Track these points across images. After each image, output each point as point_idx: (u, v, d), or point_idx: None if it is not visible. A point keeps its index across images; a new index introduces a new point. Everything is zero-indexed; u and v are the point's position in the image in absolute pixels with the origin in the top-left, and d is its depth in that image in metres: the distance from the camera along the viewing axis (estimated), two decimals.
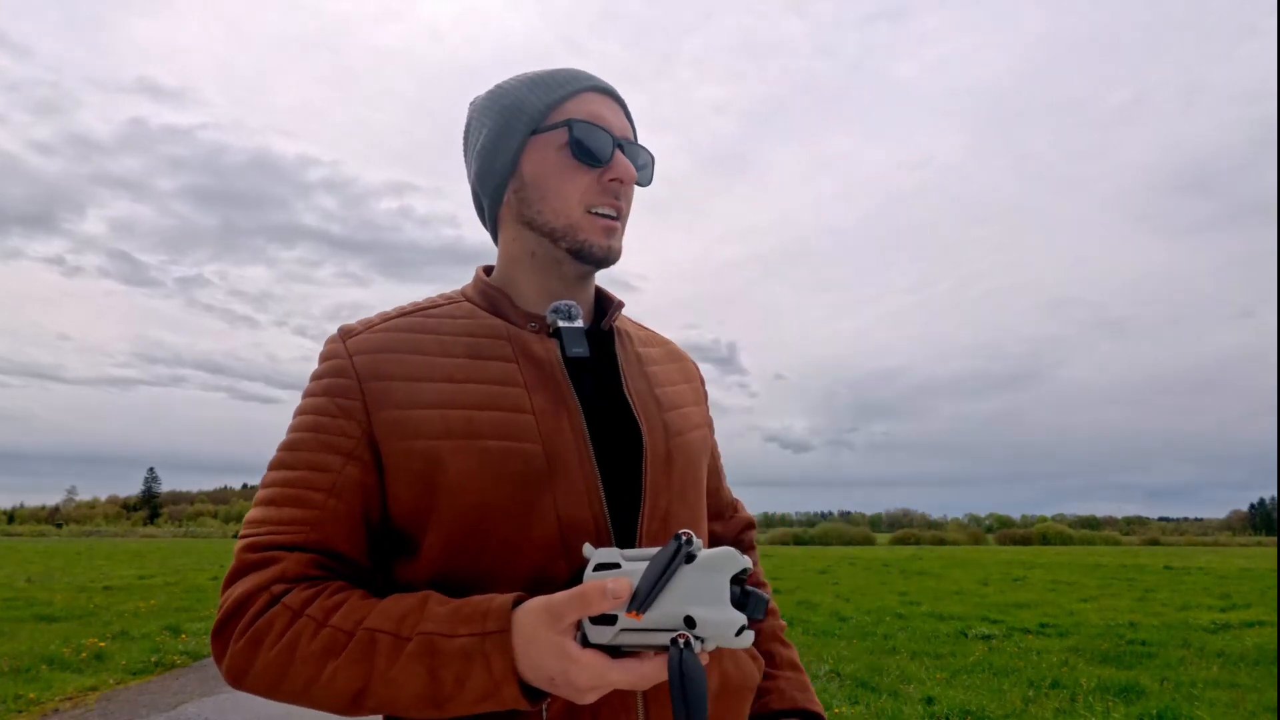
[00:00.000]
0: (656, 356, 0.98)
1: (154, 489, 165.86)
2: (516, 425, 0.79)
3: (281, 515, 0.77)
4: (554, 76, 0.88)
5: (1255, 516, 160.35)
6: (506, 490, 0.77)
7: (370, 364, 0.81)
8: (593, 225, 0.85)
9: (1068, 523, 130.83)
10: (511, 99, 0.88)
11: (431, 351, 0.83)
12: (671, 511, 0.85)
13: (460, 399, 0.79)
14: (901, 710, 5.37)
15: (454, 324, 0.86)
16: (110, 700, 5.62)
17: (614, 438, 0.83)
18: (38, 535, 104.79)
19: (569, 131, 0.85)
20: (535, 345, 0.85)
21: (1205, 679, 6.48)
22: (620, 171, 0.85)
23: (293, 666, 0.70)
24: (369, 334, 0.84)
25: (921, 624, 9.86)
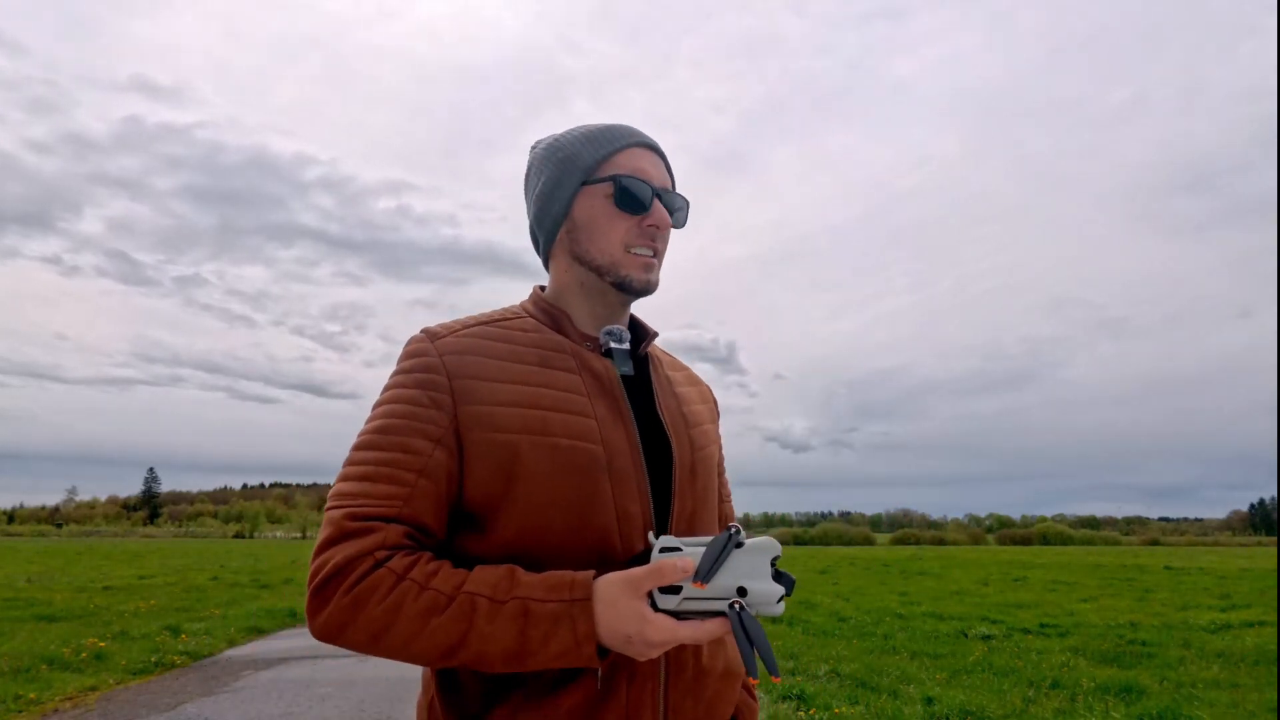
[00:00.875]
0: (681, 380, 1.14)
1: (154, 489, 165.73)
2: (582, 427, 0.94)
3: (377, 490, 0.87)
4: (606, 133, 1.04)
5: (1255, 516, 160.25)
6: (574, 482, 0.91)
7: (458, 363, 0.94)
8: (633, 262, 1.02)
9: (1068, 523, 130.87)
10: (567, 152, 1.04)
11: (507, 358, 0.97)
12: (695, 513, 1.01)
13: (535, 400, 0.93)
14: (901, 710, 5.37)
15: (524, 336, 1.01)
16: (110, 700, 5.62)
17: (652, 448, 0.99)
18: (38, 535, 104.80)
19: (615, 184, 1.01)
20: (594, 362, 1.01)
21: (1205, 679, 6.49)
22: (657, 219, 1.02)
23: (397, 624, 0.81)
24: (453, 338, 0.98)
25: (921, 624, 9.87)
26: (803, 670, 6.85)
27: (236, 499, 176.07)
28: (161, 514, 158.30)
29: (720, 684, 1.01)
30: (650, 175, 1.03)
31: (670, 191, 1.05)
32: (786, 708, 5.50)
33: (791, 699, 5.71)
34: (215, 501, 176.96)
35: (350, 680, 6.33)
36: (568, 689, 0.88)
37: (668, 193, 1.04)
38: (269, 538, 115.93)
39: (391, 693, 5.85)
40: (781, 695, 5.80)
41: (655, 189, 1.02)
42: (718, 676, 1.00)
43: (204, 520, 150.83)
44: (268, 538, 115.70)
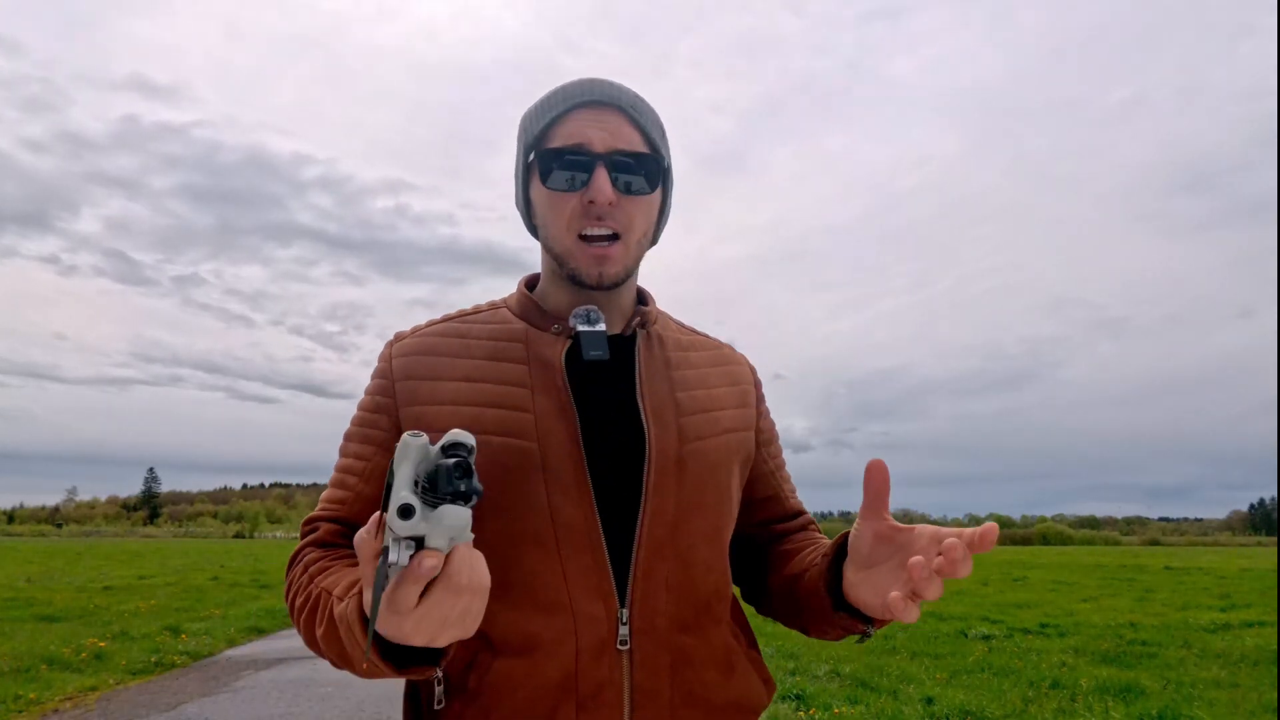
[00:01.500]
0: (697, 360, 0.98)
1: (154, 489, 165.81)
2: (518, 423, 0.84)
3: (328, 495, 0.91)
4: (548, 99, 0.90)
5: (1255, 516, 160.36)
6: (501, 484, 0.82)
7: (404, 366, 0.91)
8: (583, 254, 0.88)
9: (1068, 523, 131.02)
10: (522, 124, 0.93)
11: (456, 354, 0.91)
12: (682, 518, 0.86)
13: (471, 397, 0.87)
14: (901, 710, 5.37)
15: (483, 329, 0.94)
16: (110, 700, 5.62)
17: (620, 441, 0.86)
18: (38, 535, 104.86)
19: (539, 163, 0.89)
20: (547, 348, 0.90)
21: (1205, 679, 6.49)
22: (593, 194, 0.85)
23: (294, 616, 0.82)
24: (412, 339, 0.94)
25: (921, 624, 9.87)
26: (802, 670, 6.85)
27: (236, 499, 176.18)
28: (161, 514, 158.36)
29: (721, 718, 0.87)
30: (590, 139, 0.86)
31: (623, 155, 0.87)
32: (786, 708, 5.50)
33: (791, 699, 5.71)
34: (215, 501, 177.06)
35: (350, 680, 6.33)
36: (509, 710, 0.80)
37: (618, 156, 0.86)
38: (269, 538, 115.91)
39: (392, 692, 5.85)
40: (781, 695, 5.80)
41: (595, 156, 0.86)
42: (716, 710, 0.86)
43: (204, 520, 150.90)
44: (268, 538, 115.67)
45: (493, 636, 0.82)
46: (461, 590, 0.62)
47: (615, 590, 0.82)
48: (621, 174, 0.87)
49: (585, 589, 0.81)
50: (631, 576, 0.83)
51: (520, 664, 0.81)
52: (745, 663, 0.92)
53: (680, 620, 0.85)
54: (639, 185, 0.89)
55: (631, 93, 0.91)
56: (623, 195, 0.87)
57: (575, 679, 0.80)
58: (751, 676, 0.91)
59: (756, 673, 0.93)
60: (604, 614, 0.81)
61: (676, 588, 0.85)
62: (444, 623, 0.63)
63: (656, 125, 0.92)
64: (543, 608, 0.81)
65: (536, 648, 0.81)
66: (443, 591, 0.61)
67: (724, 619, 0.91)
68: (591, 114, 0.88)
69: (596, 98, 0.89)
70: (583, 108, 0.88)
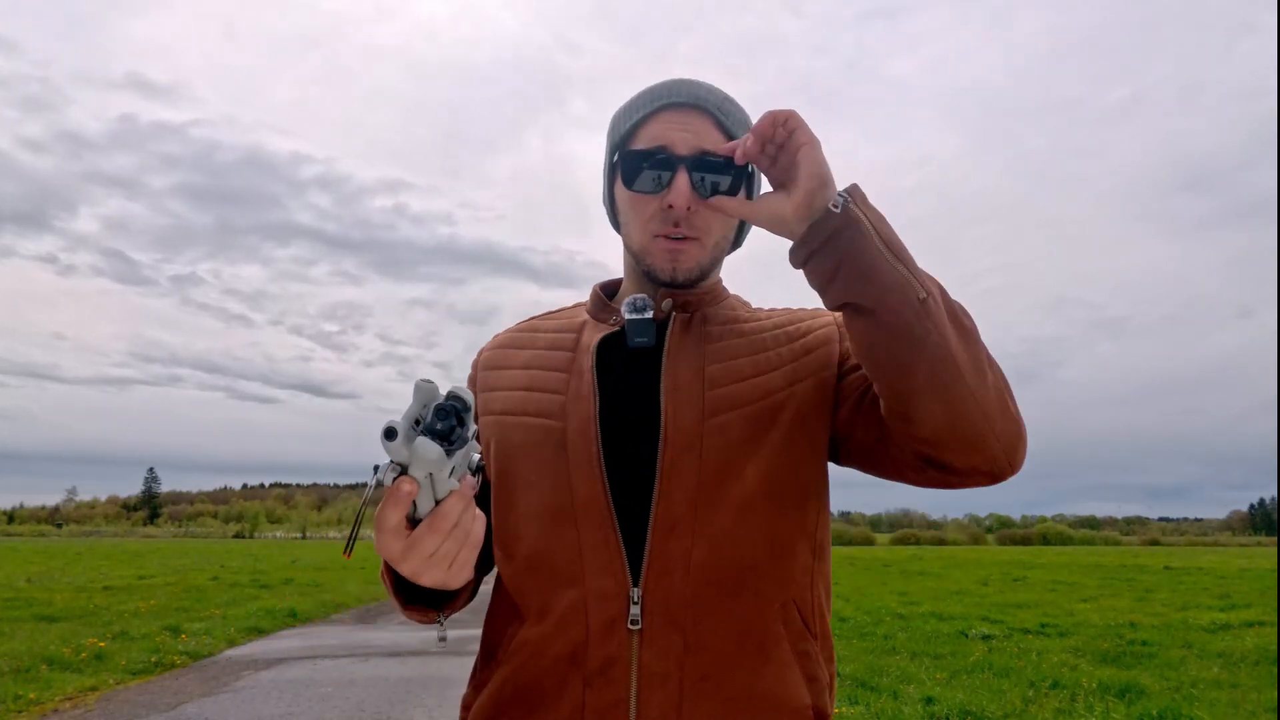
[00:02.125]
0: (752, 329, 0.94)
1: (154, 489, 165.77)
2: (550, 404, 0.90)
3: None
4: (636, 100, 0.92)
5: (1255, 516, 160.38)
6: (532, 461, 0.88)
7: (487, 358, 1.01)
8: (658, 250, 0.90)
9: (1068, 523, 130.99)
10: (611, 124, 0.95)
11: (523, 345, 0.99)
12: (705, 495, 0.83)
13: (522, 382, 0.94)
14: (901, 710, 5.37)
15: (553, 323, 1.01)
16: (110, 700, 5.62)
17: (639, 421, 0.87)
18: (38, 535, 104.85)
19: (622, 165, 0.90)
20: (589, 335, 0.95)
21: (1205, 679, 6.49)
22: (672, 198, 0.86)
23: None
24: (501, 335, 1.04)
25: (921, 624, 9.87)
26: None
27: (236, 499, 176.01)
28: (161, 514, 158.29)
29: (744, 714, 0.81)
30: (673, 142, 0.87)
31: (705, 157, 0.87)
32: None
33: None
34: (215, 501, 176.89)
35: (350, 680, 6.33)
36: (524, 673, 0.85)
37: (700, 158, 0.86)
38: (269, 538, 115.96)
39: (391, 693, 5.85)
40: None
41: (679, 158, 0.86)
42: (732, 700, 0.80)
43: (204, 520, 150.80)
44: (268, 538, 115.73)
45: (520, 606, 0.87)
46: (444, 532, 0.68)
47: (627, 568, 0.82)
48: (705, 173, 0.87)
49: (598, 565, 0.82)
50: (645, 555, 0.82)
51: (537, 634, 0.84)
52: (787, 653, 0.83)
53: (701, 601, 0.81)
54: (720, 188, 0.88)
55: (721, 94, 0.91)
56: (703, 199, 0.87)
57: (584, 653, 0.81)
58: (792, 670, 0.83)
59: (800, 667, 0.83)
60: (614, 591, 0.82)
61: (699, 568, 0.82)
62: (427, 560, 0.69)
63: (744, 127, 0.92)
64: (560, 581, 0.84)
65: (551, 619, 0.83)
66: (427, 528, 0.68)
67: (768, 600, 0.83)
68: (677, 116, 0.89)
69: (683, 99, 0.89)
70: (669, 109, 0.89)
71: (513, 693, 0.85)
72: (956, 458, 0.78)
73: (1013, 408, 0.80)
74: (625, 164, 0.90)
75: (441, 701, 5.55)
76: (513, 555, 0.88)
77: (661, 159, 0.87)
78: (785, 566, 0.85)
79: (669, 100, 0.89)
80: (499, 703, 0.85)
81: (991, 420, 0.76)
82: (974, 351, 0.78)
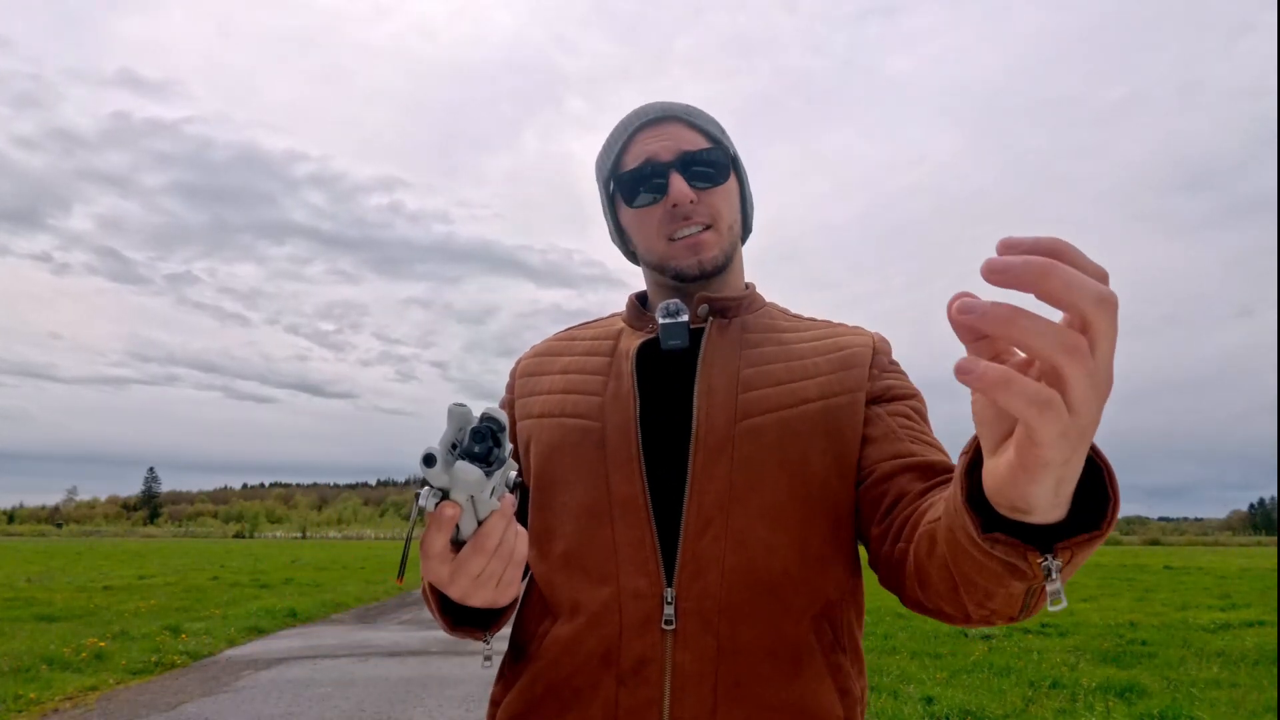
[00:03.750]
0: (789, 339, 0.94)
1: (154, 489, 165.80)
2: (590, 406, 0.92)
3: None
4: (612, 136, 0.98)
5: (1255, 516, 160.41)
6: (570, 460, 0.90)
7: (526, 366, 1.04)
8: (678, 250, 0.94)
9: None
10: (596, 166, 1.02)
11: (561, 353, 1.02)
12: (735, 497, 0.83)
13: (561, 386, 0.96)
14: (901, 710, 5.37)
15: (590, 331, 1.04)
16: (110, 700, 5.62)
17: (675, 422, 0.88)
18: (38, 535, 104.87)
19: (620, 189, 0.97)
20: (627, 340, 0.98)
21: (1205, 679, 6.49)
22: (674, 197, 0.91)
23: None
24: (541, 343, 1.07)
25: (921, 624, 9.86)
26: None
27: (236, 499, 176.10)
28: (161, 514, 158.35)
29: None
30: (658, 154, 0.93)
31: (690, 154, 0.93)
32: None
33: None
34: (215, 501, 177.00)
35: (350, 680, 6.33)
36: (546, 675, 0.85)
37: (686, 157, 0.92)
38: (269, 537, 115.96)
39: (391, 693, 5.85)
40: None
41: (665, 164, 0.92)
42: (767, 707, 0.79)
43: (204, 520, 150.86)
44: (268, 537, 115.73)
45: (552, 603, 0.87)
46: (487, 552, 0.69)
47: (662, 568, 0.82)
48: (695, 167, 0.93)
49: (633, 564, 0.83)
50: (679, 556, 0.82)
51: (569, 631, 0.84)
52: (820, 665, 0.82)
53: (734, 605, 0.81)
54: (712, 177, 0.94)
55: (683, 104, 0.98)
56: (701, 191, 0.93)
57: (618, 652, 0.81)
58: (825, 682, 0.81)
59: (834, 680, 0.82)
60: (648, 590, 0.82)
61: (733, 571, 0.81)
62: (475, 581, 0.70)
63: (714, 123, 0.98)
64: (594, 579, 0.84)
65: (585, 617, 0.83)
66: (471, 550, 0.69)
67: (800, 611, 0.82)
68: (651, 131, 0.95)
69: (652, 116, 0.95)
70: (642, 129, 0.95)
71: (544, 690, 0.84)
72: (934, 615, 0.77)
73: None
74: (621, 187, 0.96)
75: (441, 702, 5.55)
76: (548, 553, 0.89)
77: (651, 170, 0.93)
78: (818, 578, 0.84)
79: (640, 121, 0.95)
80: (530, 700, 0.85)
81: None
82: None
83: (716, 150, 0.94)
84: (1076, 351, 0.42)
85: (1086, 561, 0.58)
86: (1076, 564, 0.55)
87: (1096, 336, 0.43)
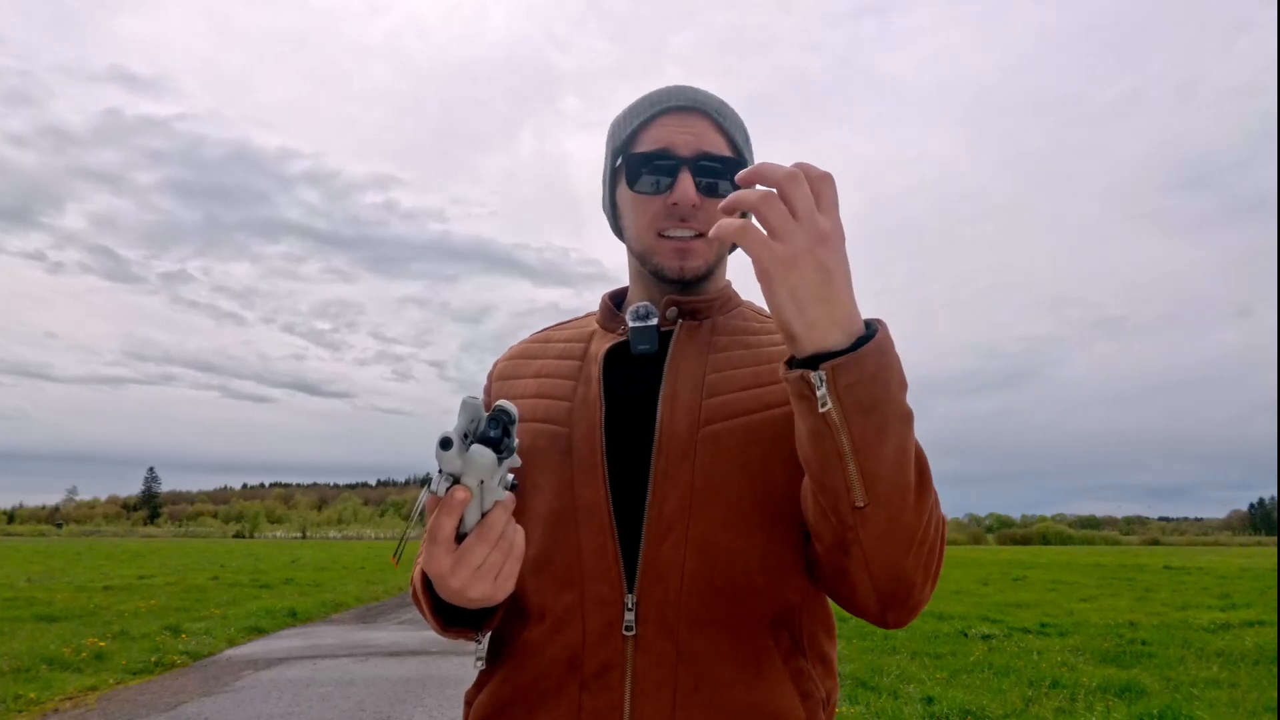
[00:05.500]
0: (758, 341, 0.94)
1: (154, 489, 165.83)
2: (558, 411, 0.92)
3: None
4: (635, 106, 0.94)
5: (1255, 516, 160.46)
6: (540, 465, 0.89)
7: (502, 369, 1.03)
8: (664, 249, 0.91)
9: (1068, 523, 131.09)
10: (610, 131, 0.98)
11: (535, 355, 1.01)
12: (697, 503, 0.83)
13: (533, 390, 0.96)
14: (901, 710, 5.37)
15: (565, 333, 1.03)
16: (110, 700, 5.62)
17: (639, 428, 0.88)
18: (38, 535, 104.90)
19: (626, 167, 0.92)
20: (597, 343, 0.97)
21: (1205, 679, 6.49)
22: (677, 196, 0.88)
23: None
24: (515, 347, 1.06)
25: (921, 624, 9.86)
26: None
27: (236, 499, 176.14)
28: (161, 514, 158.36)
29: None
30: (675, 144, 0.90)
31: (707, 158, 0.89)
32: None
33: None
34: (215, 501, 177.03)
35: (350, 680, 6.33)
36: (521, 683, 0.85)
37: (702, 160, 0.89)
38: (269, 538, 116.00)
39: (391, 693, 5.85)
40: None
41: (682, 160, 0.89)
42: (727, 712, 0.80)
43: (204, 520, 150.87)
44: (268, 538, 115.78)
45: (524, 607, 0.87)
46: (492, 543, 0.71)
47: (623, 574, 0.83)
48: (705, 177, 0.89)
49: (595, 570, 0.83)
50: (640, 562, 0.82)
51: (537, 635, 0.85)
52: (780, 669, 0.82)
53: (696, 612, 0.81)
54: (723, 188, 0.90)
55: (717, 99, 0.94)
56: (706, 198, 0.89)
57: (581, 657, 0.82)
58: (785, 686, 0.82)
59: (795, 684, 0.83)
60: (611, 596, 0.82)
61: (692, 576, 0.81)
62: (476, 572, 0.72)
63: (741, 130, 0.95)
64: (560, 584, 0.84)
65: (550, 622, 0.84)
66: (476, 539, 0.71)
67: (761, 616, 0.83)
68: (677, 119, 0.91)
69: (682, 103, 0.92)
70: (669, 113, 0.92)
71: (512, 693, 0.86)
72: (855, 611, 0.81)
73: (933, 579, 0.81)
74: (629, 166, 0.92)
75: (441, 701, 5.55)
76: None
77: (664, 161, 0.90)
78: (779, 583, 0.84)
79: (669, 104, 0.91)
80: (499, 703, 0.87)
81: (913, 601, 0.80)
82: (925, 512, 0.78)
83: (735, 162, 0.91)
84: (766, 198, 0.64)
85: (1086, 561, 0.59)
86: (853, 391, 0.65)
87: (789, 195, 0.64)
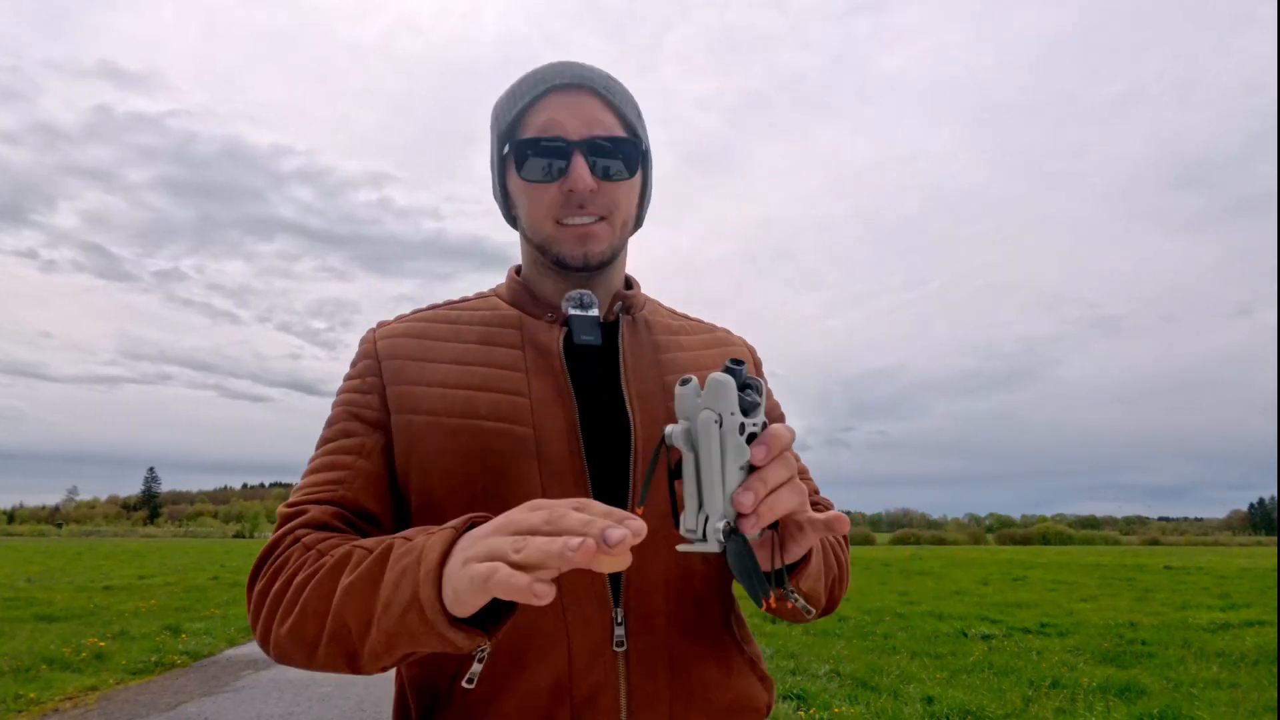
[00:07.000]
0: (689, 344, 0.94)
1: (154, 489, 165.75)
2: (513, 408, 0.82)
3: (316, 479, 0.82)
4: (518, 86, 0.87)
5: (1255, 516, 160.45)
6: (496, 471, 0.79)
7: (390, 346, 0.88)
8: (565, 236, 0.86)
9: (1068, 523, 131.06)
10: (494, 114, 0.90)
11: (445, 338, 0.89)
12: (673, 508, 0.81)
13: (463, 380, 0.84)
14: (901, 710, 5.37)
15: (473, 314, 0.92)
16: (110, 700, 5.62)
17: (609, 429, 0.83)
18: (38, 535, 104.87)
19: (514, 154, 0.86)
20: (542, 334, 0.88)
21: (1205, 679, 6.49)
22: (573, 182, 0.83)
23: (284, 591, 0.72)
24: (398, 324, 0.92)
25: (921, 624, 9.86)
26: (803, 670, 6.85)
27: (236, 499, 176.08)
28: (161, 514, 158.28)
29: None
30: (565, 126, 0.83)
31: (599, 140, 0.84)
32: (787, 707, 5.50)
33: (792, 698, 5.71)
34: (215, 501, 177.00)
35: (350, 680, 6.33)
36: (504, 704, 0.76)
37: (595, 142, 0.84)
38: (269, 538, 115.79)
39: (391, 693, 5.84)
40: (782, 695, 5.80)
41: (573, 144, 0.83)
42: (717, 711, 0.81)
43: (204, 520, 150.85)
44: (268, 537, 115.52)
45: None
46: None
47: (609, 589, 0.78)
48: (600, 159, 0.84)
49: (578, 588, 0.77)
50: (625, 573, 0.77)
51: (510, 666, 0.77)
52: (741, 661, 0.86)
53: (679, 618, 0.81)
54: (618, 170, 0.86)
55: (603, 73, 0.88)
56: (602, 181, 0.85)
57: (569, 682, 0.76)
58: (749, 675, 0.86)
59: (753, 671, 0.87)
60: (597, 615, 0.77)
61: (674, 583, 0.81)
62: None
63: (632, 106, 0.90)
64: (534, 608, 0.75)
65: (527, 650, 0.77)
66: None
67: (722, 614, 0.86)
68: (564, 98, 0.85)
69: (568, 80, 0.85)
70: (555, 92, 0.85)
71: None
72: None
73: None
74: (518, 153, 0.85)
75: None
76: None
77: (555, 145, 0.84)
78: (725, 581, 0.87)
79: (554, 83, 0.85)
80: None
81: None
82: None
83: (629, 142, 0.86)
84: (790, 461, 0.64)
85: (1086, 561, 0.60)
86: (809, 583, 0.77)
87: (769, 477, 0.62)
